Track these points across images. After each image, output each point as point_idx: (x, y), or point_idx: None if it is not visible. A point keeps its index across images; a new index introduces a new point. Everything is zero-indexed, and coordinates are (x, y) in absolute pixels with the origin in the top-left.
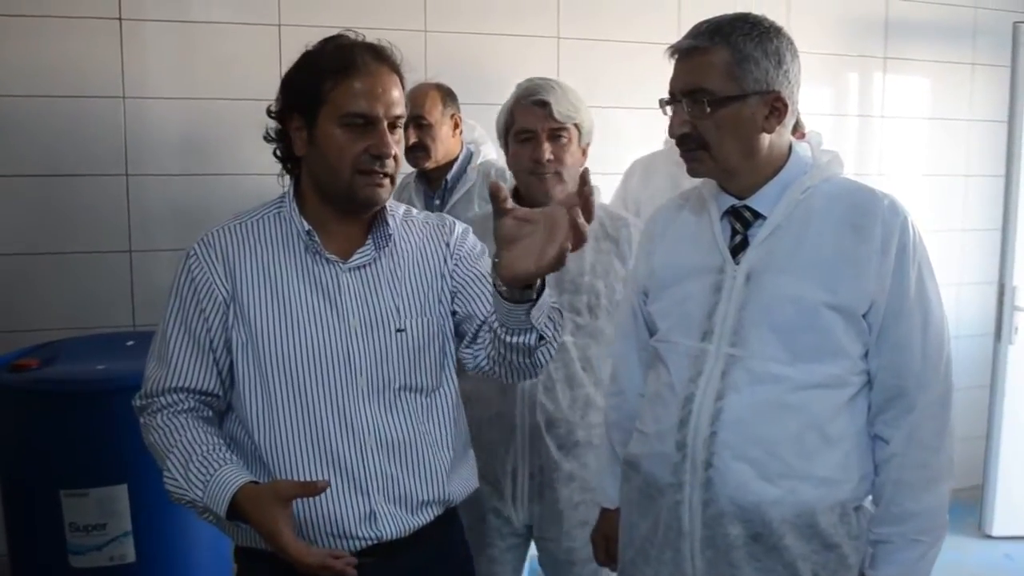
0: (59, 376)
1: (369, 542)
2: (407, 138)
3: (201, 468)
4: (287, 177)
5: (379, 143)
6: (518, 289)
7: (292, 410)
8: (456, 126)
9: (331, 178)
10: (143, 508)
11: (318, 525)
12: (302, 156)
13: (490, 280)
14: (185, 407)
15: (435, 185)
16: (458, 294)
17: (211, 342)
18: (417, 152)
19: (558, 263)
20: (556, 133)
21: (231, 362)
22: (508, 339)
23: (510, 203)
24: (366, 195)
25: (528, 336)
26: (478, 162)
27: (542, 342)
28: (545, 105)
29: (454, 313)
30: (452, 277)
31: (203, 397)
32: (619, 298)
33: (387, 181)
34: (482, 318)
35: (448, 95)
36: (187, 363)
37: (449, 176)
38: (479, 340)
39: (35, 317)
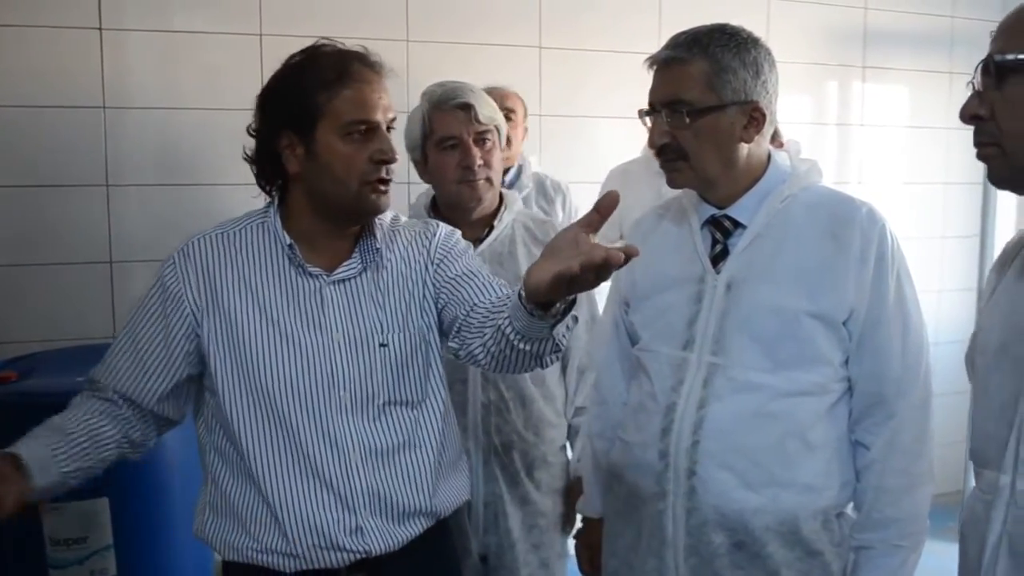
0: (38, 388)
1: (358, 555)
2: None
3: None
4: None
5: (384, 148)
6: (534, 304)
7: (276, 424)
8: (524, 136)
9: (337, 190)
10: (125, 521)
11: (306, 537)
12: (296, 172)
13: (476, 277)
14: (104, 396)
15: None
16: (440, 297)
17: (168, 353)
18: None
19: (556, 281)
20: (482, 137)
21: (205, 373)
22: (520, 345)
23: (597, 222)
24: (373, 204)
25: (543, 345)
26: (531, 172)
27: (556, 350)
28: (468, 108)
29: (440, 313)
30: (434, 283)
31: (128, 401)
32: None
33: (388, 187)
34: (466, 310)
35: (526, 108)
36: (120, 368)
37: (507, 179)
38: (464, 330)
39: (13, 329)
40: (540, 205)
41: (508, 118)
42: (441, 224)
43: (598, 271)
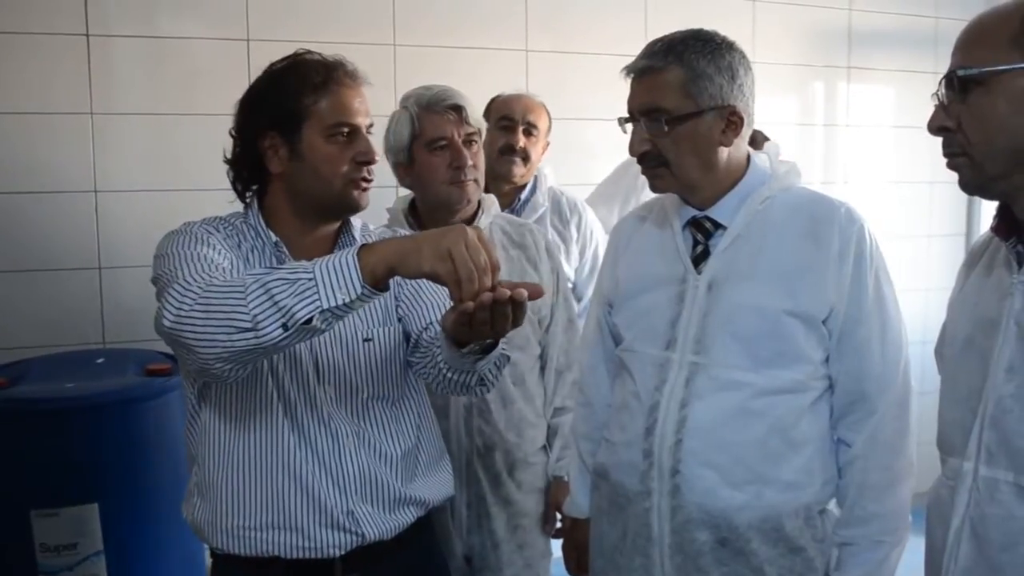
0: (28, 395)
1: (354, 538)
2: (513, 140)
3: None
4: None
5: (367, 149)
6: (450, 340)
7: (281, 401)
8: (544, 151)
9: (321, 188)
10: (114, 527)
11: (308, 511)
12: (279, 172)
13: (438, 296)
14: None
15: (499, 204)
16: (400, 307)
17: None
18: (518, 157)
19: (457, 320)
20: (470, 139)
21: None
22: (447, 373)
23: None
24: (355, 201)
25: (469, 377)
26: (546, 187)
27: (481, 384)
28: (460, 110)
29: (400, 322)
30: (400, 285)
31: None
32: (539, 306)
33: (369, 186)
34: (420, 327)
35: (550, 118)
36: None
37: (522, 196)
38: (420, 348)
39: (2, 335)
40: (555, 225)
41: (529, 133)
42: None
43: (492, 311)
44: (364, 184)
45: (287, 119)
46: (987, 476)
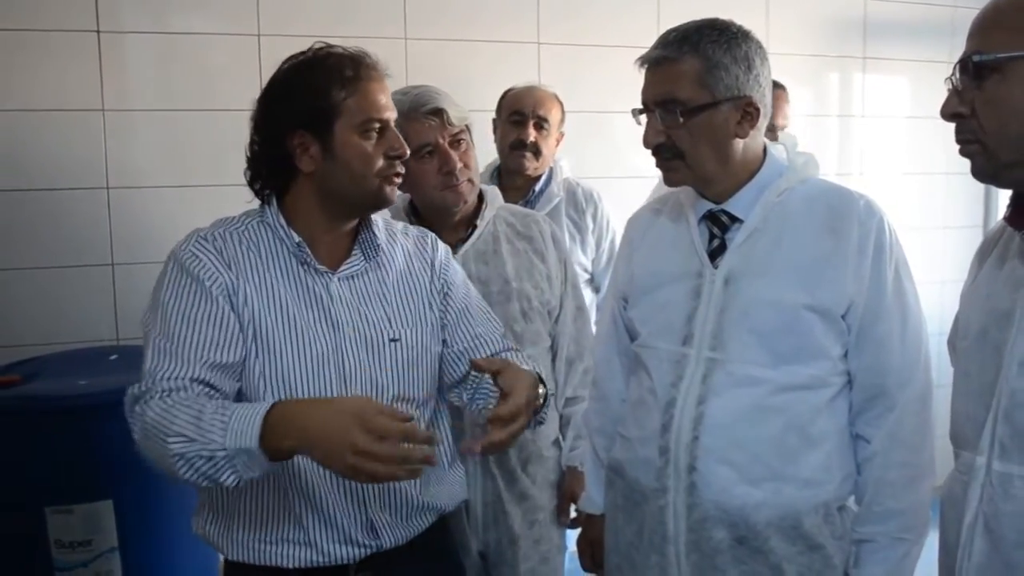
0: (42, 392)
1: (370, 550)
2: (524, 135)
3: (217, 416)
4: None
5: (398, 144)
6: None
7: None
8: (558, 142)
9: (356, 186)
10: (129, 524)
11: (324, 532)
12: (311, 171)
13: (474, 314)
14: (190, 392)
15: (514, 197)
16: (446, 327)
17: (221, 319)
18: (528, 152)
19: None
20: (457, 139)
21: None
22: None
23: None
24: (387, 197)
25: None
26: (561, 178)
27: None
28: (440, 113)
29: (444, 342)
30: (441, 307)
31: (209, 389)
32: (548, 297)
33: (399, 181)
34: (469, 340)
35: (563, 110)
36: (197, 346)
37: (537, 188)
38: (469, 381)
39: (17, 332)
40: (570, 216)
41: (540, 127)
42: (439, 241)
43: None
44: (396, 179)
45: (319, 117)
46: (1000, 471)
